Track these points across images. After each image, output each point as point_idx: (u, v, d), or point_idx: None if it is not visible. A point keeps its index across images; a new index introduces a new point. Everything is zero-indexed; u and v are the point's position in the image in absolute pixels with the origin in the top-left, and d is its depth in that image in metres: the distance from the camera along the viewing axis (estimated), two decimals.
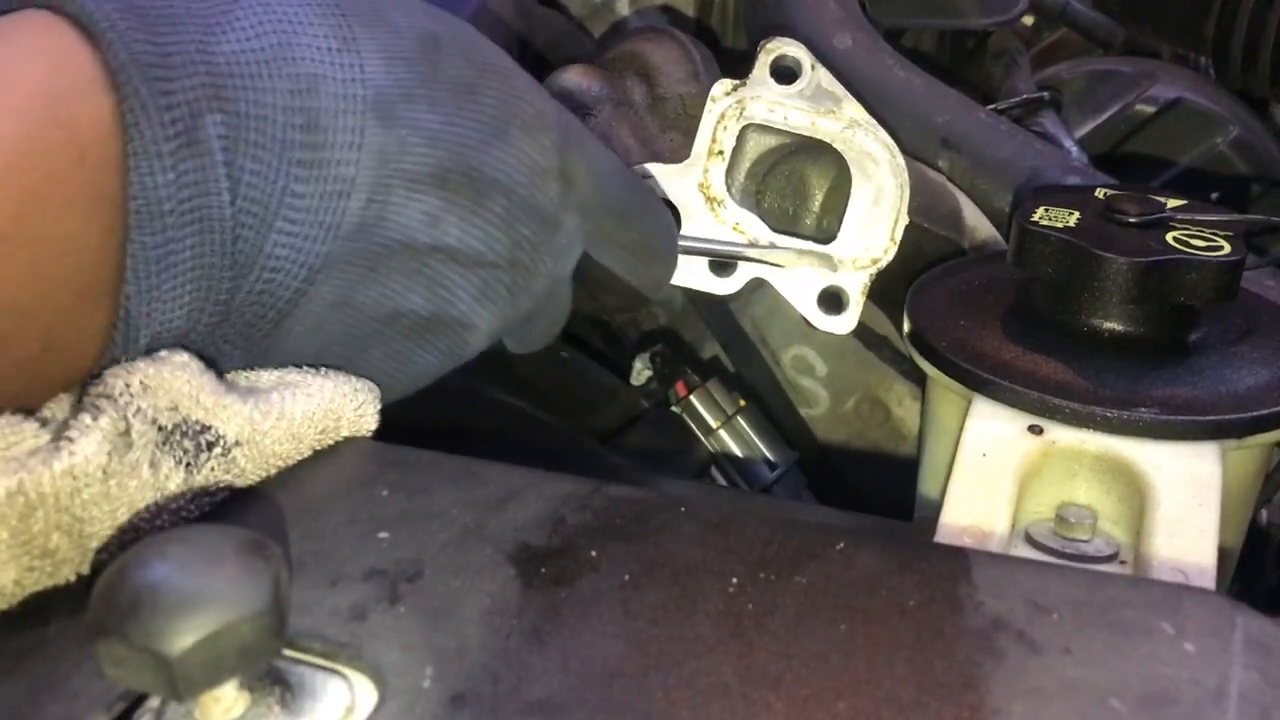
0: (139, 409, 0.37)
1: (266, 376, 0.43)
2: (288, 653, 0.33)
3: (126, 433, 0.37)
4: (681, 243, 0.59)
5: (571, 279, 0.52)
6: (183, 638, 0.28)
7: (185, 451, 0.38)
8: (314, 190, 0.41)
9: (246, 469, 0.40)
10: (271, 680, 0.32)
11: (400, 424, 0.47)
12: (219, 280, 0.40)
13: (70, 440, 0.36)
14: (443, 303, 0.46)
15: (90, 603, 0.29)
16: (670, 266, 0.58)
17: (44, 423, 0.37)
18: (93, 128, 0.37)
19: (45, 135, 0.36)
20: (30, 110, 0.36)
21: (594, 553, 0.37)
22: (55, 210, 0.36)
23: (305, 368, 0.44)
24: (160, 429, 0.38)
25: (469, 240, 0.45)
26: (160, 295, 0.39)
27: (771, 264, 0.60)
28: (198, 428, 0.39)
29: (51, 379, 0.38)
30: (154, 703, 0.32)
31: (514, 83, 0.47)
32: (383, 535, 0.38)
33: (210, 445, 0.39)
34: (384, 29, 0.43)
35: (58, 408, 0.38)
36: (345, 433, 0.44)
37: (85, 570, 0.37)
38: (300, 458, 0.42)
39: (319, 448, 0.43)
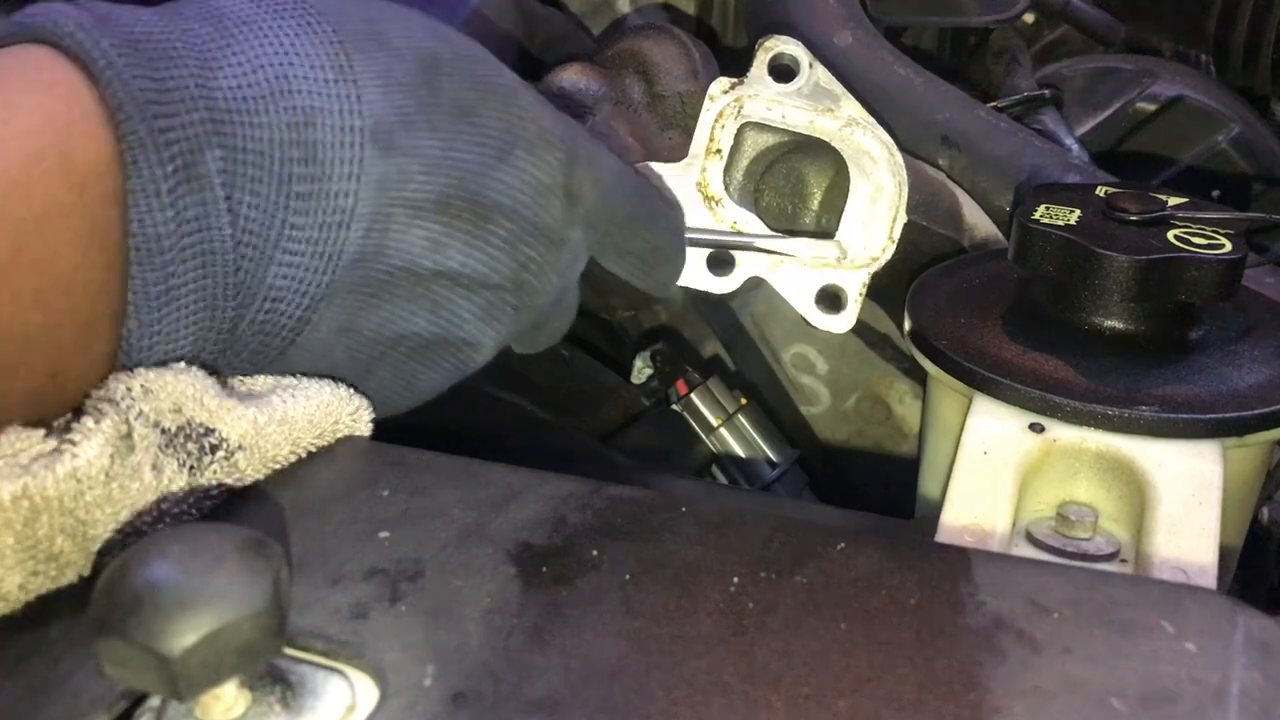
0: (140, 412, 0.37)
1: (262, 381, 0.43)
2: (289, 651, 0.33)
3: (128, 435, 0.37)
4: (687, 235, 0.59)
5: (578, 283, 0.52)
6: (184, 637, 0.28)
7: (189, 454, 0.39)
8: (313, 221, 0.41)
9: (246, 471, 0.41)
10: (272, 679, 0.32)
11: (401, 424, 0.47)
12: (222, 311, 0.40)
13: (73, 444, 0.36)
14: (448, 325, 0.46)
15: (91, 602, 0.29)
16: (678, 267, 0.58)
17: (48, 429, 0.37)
18: (92, 162, 0.37)
19: (45, 166, 0.36)
20: (28, 141, 0.36)
21: (595, 552, 0.37)
22: (55, 241, 0.36)
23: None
24: (163, 432, 0.38)
25: (472, 264, 0.45)
26: (162, 329, 0.39)
27: (778, 253, 0.60)
28: (201, 430, 0.39)
29: (56, 406, 0.38)
30: (155, 702, 0.32)
31: (517, 101, 0.46)
32: (383, 535, 0.38)
33: (214, 448, 0.39)
34: (383, 52, 0.43)
35: None
36: (341, 434, 0.44)
37: (88, 573, 0.37)
38: (296, 459, 0.42)
39: (314, 450, 0.43)
